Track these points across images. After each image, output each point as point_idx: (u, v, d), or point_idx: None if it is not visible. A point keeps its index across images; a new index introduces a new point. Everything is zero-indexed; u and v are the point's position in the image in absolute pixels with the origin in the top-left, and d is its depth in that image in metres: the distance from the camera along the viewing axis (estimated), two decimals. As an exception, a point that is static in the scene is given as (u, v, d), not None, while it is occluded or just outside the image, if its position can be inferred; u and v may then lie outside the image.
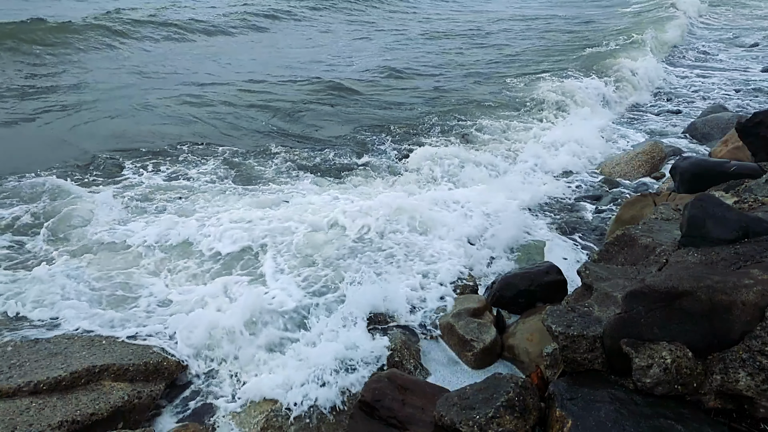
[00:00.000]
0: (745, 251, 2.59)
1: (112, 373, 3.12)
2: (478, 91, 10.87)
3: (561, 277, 3.89)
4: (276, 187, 6.14)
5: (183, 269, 4.41)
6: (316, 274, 4.25)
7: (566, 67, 12.30)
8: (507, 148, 7.52)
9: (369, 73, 12.37)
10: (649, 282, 2.49)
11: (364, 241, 4.78)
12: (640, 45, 14.22)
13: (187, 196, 5.77)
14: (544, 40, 17.49)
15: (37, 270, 4.17)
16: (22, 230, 4.95)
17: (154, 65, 12.58)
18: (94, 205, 5.30)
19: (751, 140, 5.24)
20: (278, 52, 15.03)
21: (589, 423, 2.23)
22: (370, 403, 2.77)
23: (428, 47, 16.33)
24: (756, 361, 2.15)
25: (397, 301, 3.84)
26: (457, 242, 4.71)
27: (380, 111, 9.58)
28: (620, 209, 4.75)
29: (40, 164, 6.47)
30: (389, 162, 7.08)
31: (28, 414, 2.74)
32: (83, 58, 12.76)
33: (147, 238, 4.78)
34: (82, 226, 5.02)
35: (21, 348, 3.28)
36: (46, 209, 5.24)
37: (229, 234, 4.80)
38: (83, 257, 4.51)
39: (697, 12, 23.89)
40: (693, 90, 11.40)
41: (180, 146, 7.43)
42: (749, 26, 21.31)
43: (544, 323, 2.66)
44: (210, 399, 3.19)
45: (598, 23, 21.33)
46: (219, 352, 3.45)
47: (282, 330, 3.65)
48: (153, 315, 3.81)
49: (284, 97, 10.20)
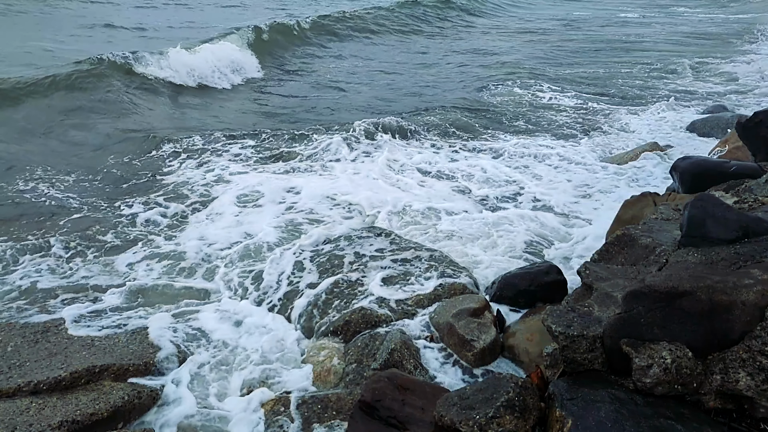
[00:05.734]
0: (745, 251, 2.59)
1: (112, 373, 3.12)
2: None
3: (561, 277, 3.89)
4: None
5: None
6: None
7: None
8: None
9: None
10: (649, 282, 2.48)
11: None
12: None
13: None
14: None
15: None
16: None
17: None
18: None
19: (751, 140, 5.24)
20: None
21: (589, 423, 2.23)
22: (370, 403, 2.77)
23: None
24: (756, 361, 2.15)
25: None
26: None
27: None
28: (620, 209, 4.74)
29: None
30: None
31: (28, 414, 2.74)
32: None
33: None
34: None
35: (21, 348, 3.28)
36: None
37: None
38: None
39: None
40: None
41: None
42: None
43: (544, 323, 2.65)
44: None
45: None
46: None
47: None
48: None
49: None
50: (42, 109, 8.88)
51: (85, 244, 5.08)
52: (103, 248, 5.00)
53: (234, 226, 5.46)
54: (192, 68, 11.66)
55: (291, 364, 3.46)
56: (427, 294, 4.00)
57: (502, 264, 4.62)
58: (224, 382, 3.32)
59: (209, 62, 12.12)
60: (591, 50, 16.95)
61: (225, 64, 12.43)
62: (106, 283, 4.40)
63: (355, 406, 2.80)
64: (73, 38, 14.92)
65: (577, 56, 15.97)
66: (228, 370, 3.42)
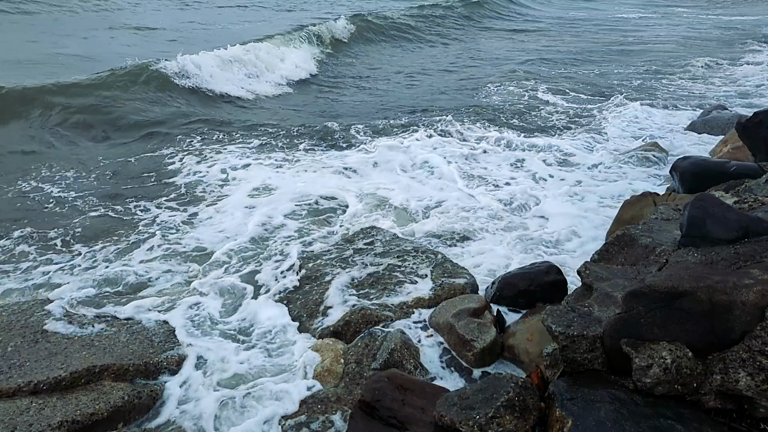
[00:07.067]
0: (745, 251, 2.59)
1: (112, 373, 3.12)
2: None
3: (561, 277, 3.89)
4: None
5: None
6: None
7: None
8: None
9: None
10: (649, 282, 2.48)
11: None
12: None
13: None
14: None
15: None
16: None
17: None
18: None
19: (751, 140, 5.24)
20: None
21: (589, 423, 2.23)
22: (370, 403, 2.77)
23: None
24: (756, 361, 2.15)
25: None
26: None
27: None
28: (620, 209, 4.75)
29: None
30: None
31: (28, 414, 2.74)
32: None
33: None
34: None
35: (21, 348, 3.28)
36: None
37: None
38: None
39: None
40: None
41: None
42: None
43: (544, 323, 2.66)
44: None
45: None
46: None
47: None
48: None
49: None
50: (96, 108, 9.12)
51: (93, 242, 5.14)
52: (116, 246, 5.06)
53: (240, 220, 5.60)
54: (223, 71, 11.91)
55: (291, 364, 3.46)
56: (427, 294, 4.00)
57: (502, 264, 4.63)
58: (225, 382, 3.32)
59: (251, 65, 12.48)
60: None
61: (268, 66, 12.72)
62: (106, 283, 4.41)
63: (355, 406, 2.80)
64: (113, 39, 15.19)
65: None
66: (229, 369, 3.41)
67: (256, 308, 4.07)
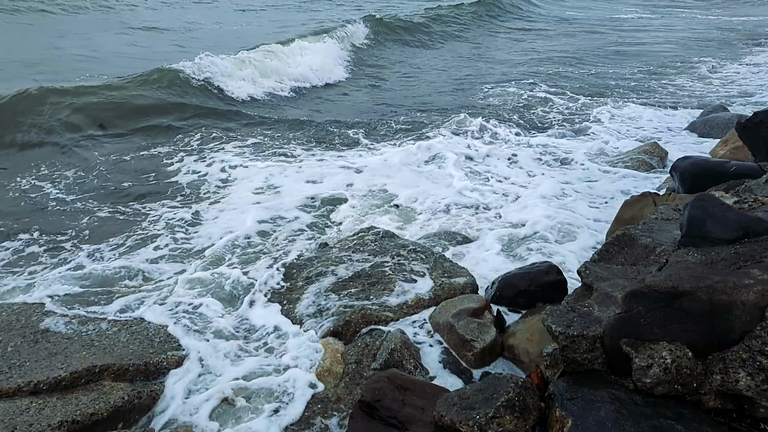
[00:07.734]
0: (745, 251, 2.59)
1: (112, 373, 3.12)
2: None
3: (561, 277, 3.89)
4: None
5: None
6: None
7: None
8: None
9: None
10: (649, 282, 2.48)
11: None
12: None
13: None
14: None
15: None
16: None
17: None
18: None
19: (751, 140, 5.24)
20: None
21: (589, 423, 2.23)
22: (370, 403, 2.77)
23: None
24: (756, 361, 2.15)
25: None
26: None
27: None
28: (620, 209, 4.74)
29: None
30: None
31: (28, 414, 2.74)
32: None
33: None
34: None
35: (21, 348, 3.28)
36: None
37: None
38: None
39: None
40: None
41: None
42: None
43: (544, 323, 2.66)
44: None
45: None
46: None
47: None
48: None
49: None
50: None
51: (94, 242, 5.15)
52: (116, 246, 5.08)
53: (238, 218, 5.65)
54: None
55: (291, 364, 3.46)
56: (426, 294, 4.01)
57: (501, 263, 4.63)
58: (225, 381, 3.32)
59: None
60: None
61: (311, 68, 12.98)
62: (106, 283, 4.41)
63: (355, 406, 2.80)
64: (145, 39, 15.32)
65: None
66: (229, 369, 3.41)
67: (257, 309, 4.07)
